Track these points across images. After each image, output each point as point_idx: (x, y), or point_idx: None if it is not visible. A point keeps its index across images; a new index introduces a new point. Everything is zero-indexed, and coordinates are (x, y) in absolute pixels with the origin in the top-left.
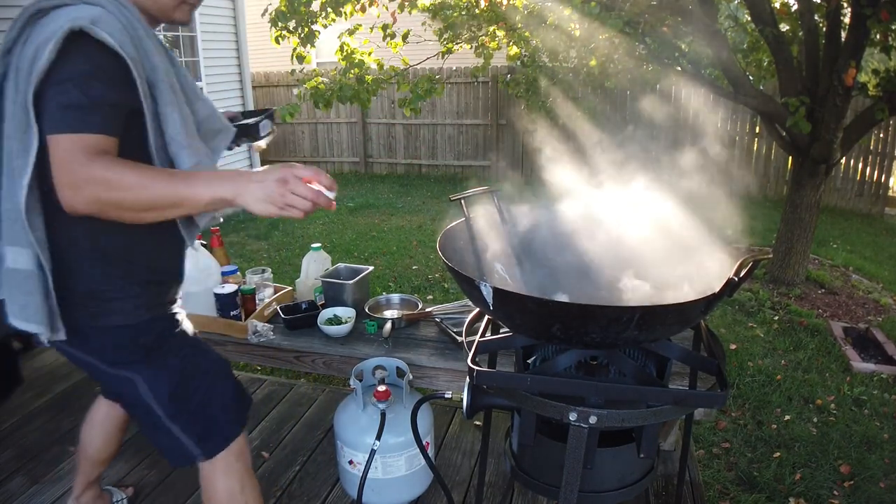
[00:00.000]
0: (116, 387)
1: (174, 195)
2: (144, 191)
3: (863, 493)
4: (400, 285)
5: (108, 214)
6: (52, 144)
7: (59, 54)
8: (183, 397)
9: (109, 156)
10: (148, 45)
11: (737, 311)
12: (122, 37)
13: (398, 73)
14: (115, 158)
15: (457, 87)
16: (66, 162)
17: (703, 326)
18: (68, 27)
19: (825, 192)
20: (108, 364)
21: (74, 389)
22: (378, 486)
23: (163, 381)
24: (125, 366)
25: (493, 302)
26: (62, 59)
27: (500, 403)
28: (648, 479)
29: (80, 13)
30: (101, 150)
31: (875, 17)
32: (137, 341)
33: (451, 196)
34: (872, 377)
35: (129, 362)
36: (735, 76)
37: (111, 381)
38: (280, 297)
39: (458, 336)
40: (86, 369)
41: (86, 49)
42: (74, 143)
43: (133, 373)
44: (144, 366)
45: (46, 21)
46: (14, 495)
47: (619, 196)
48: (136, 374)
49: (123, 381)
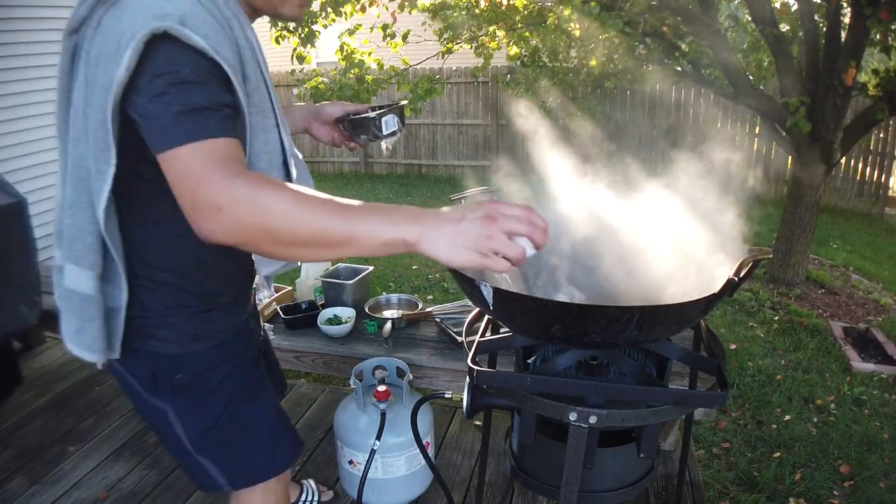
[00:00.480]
0: (148, 413)
1: (344, 230)
2: (306, 219)
3: (863, 493)
4: (400, 285)
5: (258, 247)
6: (170, 162)
7: (143, 59)
8: (216, 437)
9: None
10: (244, 45)
11: (737, 310)
12: (217, 38)
13: (398, 73)
14: (260, 174)
15: (457, 87)
16: (196, 178)
17: (703, 326)
18: (150, 29)
19: (825, 192)
20: (146, 389)
21: (74, 389)
22: (378, 486)
23: (197, 418)
24: (160, 396)
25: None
26: (148, 64)
27: (500, 403)
28: (648, 479)
29: (165, 7)
30: (234, 158)
31: (875, 17)
32: (175, 373)
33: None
34: (872, 377)
35: (165, 393)
36: (735, 76)
37: (144, 406)
38: (280, 297)
39: (458, 336)
40: (124, 386)
41: (175, 51)
42: (199, 152)
43: (166, 404)
44: (180, 399)
45: (122, 7)
46: (14, 495)
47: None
48: (168, 406)
49: (155, 410)
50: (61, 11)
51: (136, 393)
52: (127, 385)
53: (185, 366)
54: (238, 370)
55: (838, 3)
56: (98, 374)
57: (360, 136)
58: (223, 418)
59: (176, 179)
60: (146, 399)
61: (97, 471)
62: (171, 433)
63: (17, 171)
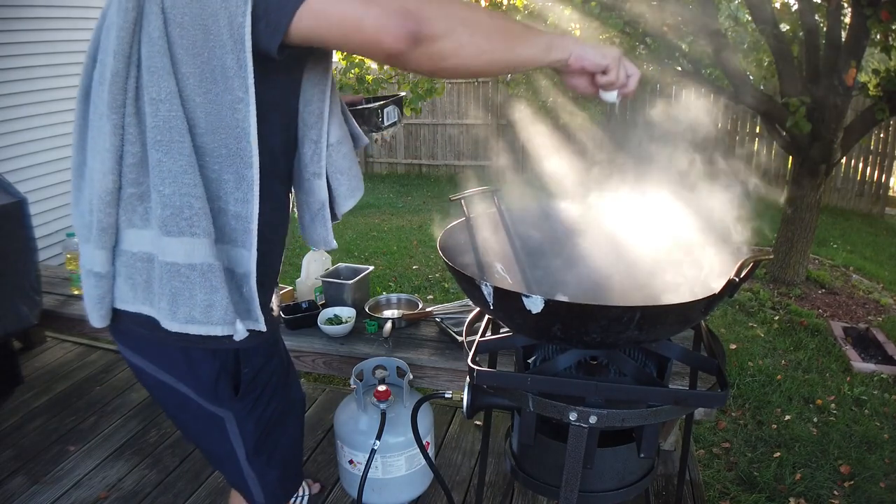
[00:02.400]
0: (198, 427)
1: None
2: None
3: (863, 493)
4: (400, 285)
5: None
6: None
7: None
8: (267, 439)
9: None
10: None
11: (737, 310)
12: None
13: (398, 73)
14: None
15: (457, 86)
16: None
17: (704, 326)
18: None
19: (825, 191)
20: (205, 395)
21: (74, 389)
22: (378, 485)
23: (253, 423)
24: (219, 401)
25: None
26: None
27: (501, 403)
28: (648, 479)
29: None
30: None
31: (875, 17)
32: (242, 369)
33: (452, 196)
34: (873, 377)
35: (225, 396)
36: (735, 76)
37: (193, 420)
38: (280, 297)
39: (459, 336)
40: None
41: None
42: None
43: (225, 410)
44: (240, 402)
45: None
46: (14, 495)
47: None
48: (228, 411)
49: (210, 420)
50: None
51: (188, 403)
52: (172, 397)
53: (250, 359)
54: (279, 355)
55: (839, 3)
56: (98, 373)
57: (361, 128)
58: (274, 417)
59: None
60: (202, 408)
61: (97, 470)
62: (225, 446)
63: (17, 171)
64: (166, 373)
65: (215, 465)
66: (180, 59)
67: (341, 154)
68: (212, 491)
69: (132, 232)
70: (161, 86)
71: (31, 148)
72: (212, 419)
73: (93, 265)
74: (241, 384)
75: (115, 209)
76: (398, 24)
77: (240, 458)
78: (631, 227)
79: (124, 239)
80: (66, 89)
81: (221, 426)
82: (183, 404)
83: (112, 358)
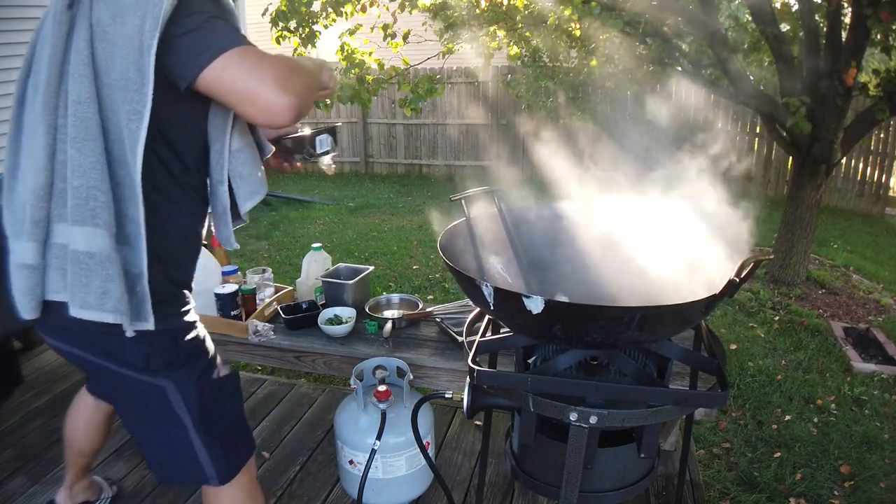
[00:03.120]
0: (143, 402)
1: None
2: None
3: (863, 493)
4: (400, 285)
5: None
6: (222, 65)
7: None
8: (210, 405)
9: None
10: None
11: (737, 311)
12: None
13: (399, 73)
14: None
15: (457, 87)
16: (253, 64)
17: (704, 326)
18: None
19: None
20: (138, 370)
21: (74, 389)
22: (378, 485)
23: (194, 386)
24: (155, 372)
25: (493, 302)
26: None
27: (501, 403)
28: (649, 479)
29: None
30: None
31: (875, 17)
32: (175, 346)
33: (452, 196)
34: (873, 377)
35: (161, 368)
36: (736, 76)
37: (136, 396)
38: (280, 297)
39: (459, 336)
40: (96, 372)
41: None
42: (248, 48)
43: (165, 379)
44: (177, 370)
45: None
46: (14, 495)
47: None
48: (167, 381)
49: (153, 393)
50: None
51: (125, 381)
52: (111, 377)
53: (181, 335)
54: (204, 337)
55: (839, 3)
56: None
57: (294, 155)
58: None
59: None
60: (141, 382)
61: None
62: (172, 415)
63: None
64: (99, 358)
65: (163, 453)
66: (102, 69)
67: (240, 160)
68: None
69: (62, 226)
70: (81, 90)
71: None
72: (153, 393)
73: (25, 258)
74: (177, 358)
75: (46, 203)
76: (287, 107)
77: (188, 428)
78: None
79: (54, 232)
80: None
81: (164, 396)
82: (118, 382)
83: None
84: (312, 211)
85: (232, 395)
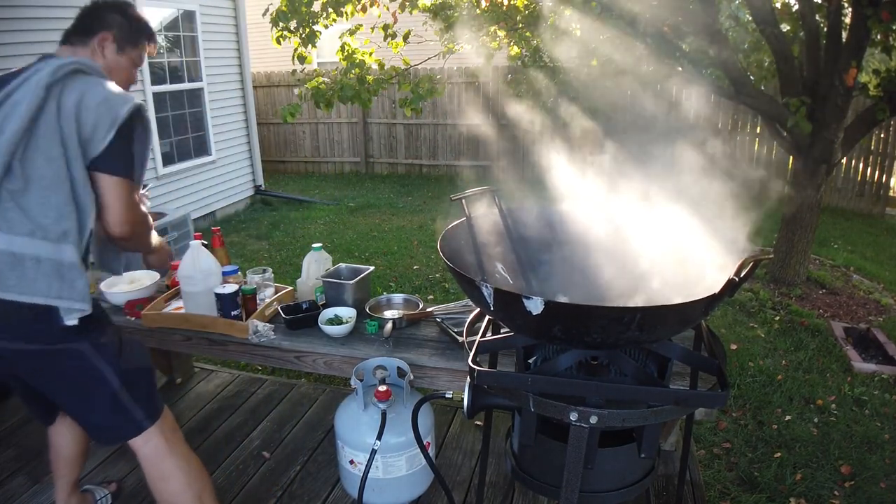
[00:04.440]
0: (69, 369)
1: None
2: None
3: (863, 493)
4: (401, 285)
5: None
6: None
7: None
8: (125, 360)
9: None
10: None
11: (737, 311)
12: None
13: (399, 73)
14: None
15: (457, 87)
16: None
17: (704, 326)
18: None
19: (826, 192)
20: (52, 342)
21: None
22: (379, 485)
23: (108, 345)
24: (68, 340)
25: (493, 302)
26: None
27: (501, 403)
28: (649, 479)
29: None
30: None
31: (876, 17)
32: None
33: (452, 196)
34: (873, 377)
35: (72, 335)
36: (736, 76)
37: (56, 359)
38: (281, 297)
39: (459, 336)
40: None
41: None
42: (132, 188)
43: (80, 341)
44: (88, 333)
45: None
46: (15, 495)
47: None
48: (83, 341)
49: (71, 354)
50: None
51: (42, 355)
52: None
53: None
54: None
55: (839, 3)
56: None
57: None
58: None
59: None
60: (58, 350)
61: (98, 470)
62: (98, 376)
63: None
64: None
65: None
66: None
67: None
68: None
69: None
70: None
71: None
72: (74, 356)
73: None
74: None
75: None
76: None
77: (111, 381)
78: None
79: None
80: None
81: (84, 357)
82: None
83: None
84: (313, 211)
85: (141, 351)
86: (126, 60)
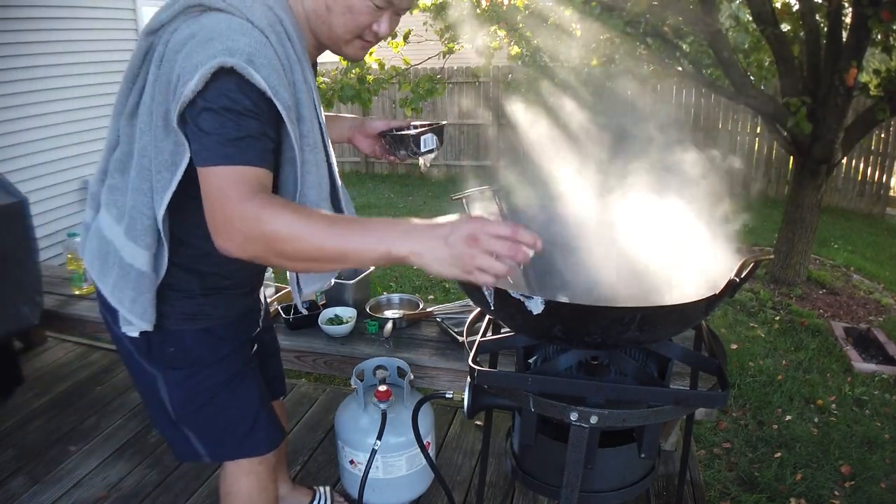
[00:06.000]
0: (139, 375)
1: (342, 247)
2: (308, 237)
3: (864, 493)
4: (401, 285)
5: (268, 260)
6: (204, 177)
7: (208, 84)
8: (197, 412)
9: (268, 192)
10: (302, 89)
11: (738, 311)
12: (278, 79)
13: (399, 73)
14: (274, 197)
15: (458, 86)
16: (220, 198)
17: (705, 327)
18: (219, 62)
19: (826, 192)
20: (140, 354)
21: (75, 389)
22: (379, 485)
23: (182, 391)
24: (153, 363)
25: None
26: (212, 89)
27: (501, 403)
28: (649, 479)
29: (237, 42)
30: (259, 185)
31: (876, 17)
32: (168, 347)
33: (453, 195)
34: (873, 377)
35: (158, 361)
36: (736, 76)
37: (137, 367)
38: (281, 297)
39: (459, 336)
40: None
41: (238, 84)
42: (230, 175)
43: (158, 371)
44: (171, 370)
45: (201, 24)
46: (15, 495)
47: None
48: (159, 373)
49: (147, 374)
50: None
51: (131, 355)
52: (123, 348)
53: (175, 341)
54: (225, 358)
55: (839, 3)
56: (99, 373)
57: (399, 150)
58: (204, 396)
59: (206, 192)
60: (140, 362)
61: (98, 470)
62: (158, 398)
63: (18, 171)
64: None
65: (152, 418)
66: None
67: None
68: (213, 491)
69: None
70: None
71: (31, 148)
72: (148, 374)
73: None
74: (168, 358)
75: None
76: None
77: (171, 415)
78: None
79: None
80: (66, 89)
81: (155, 382)
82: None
83: (113, 358)
84: None
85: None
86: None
